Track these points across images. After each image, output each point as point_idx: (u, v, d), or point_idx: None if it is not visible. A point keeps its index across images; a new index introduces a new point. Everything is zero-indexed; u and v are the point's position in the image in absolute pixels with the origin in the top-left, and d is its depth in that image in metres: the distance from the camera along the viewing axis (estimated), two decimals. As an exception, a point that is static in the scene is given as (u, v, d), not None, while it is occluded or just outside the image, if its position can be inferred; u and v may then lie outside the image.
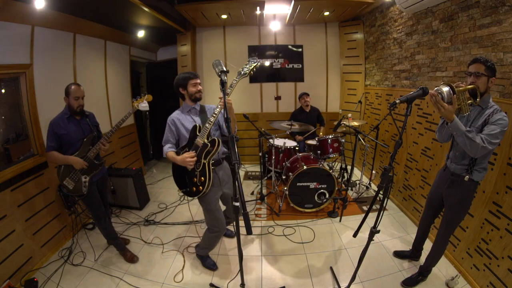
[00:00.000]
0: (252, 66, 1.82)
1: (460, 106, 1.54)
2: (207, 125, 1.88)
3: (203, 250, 2.34)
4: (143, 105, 2.36)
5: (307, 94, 4.09)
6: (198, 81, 2.03)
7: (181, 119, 2.05)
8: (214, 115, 1.87)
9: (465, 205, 1.76)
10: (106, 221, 2.40)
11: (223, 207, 2.33)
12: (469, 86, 1.55)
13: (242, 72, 1.81)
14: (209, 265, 2.32)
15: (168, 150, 2.01)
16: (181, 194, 3.65)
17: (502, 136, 1.50)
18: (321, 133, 4.13)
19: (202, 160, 1.93)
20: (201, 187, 1.94)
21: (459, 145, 1.70)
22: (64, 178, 2.13)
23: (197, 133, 1.94)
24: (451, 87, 1.46)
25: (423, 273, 2.06)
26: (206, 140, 1.91)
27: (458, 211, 1.78)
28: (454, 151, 1.77)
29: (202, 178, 1.94)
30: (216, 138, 1.92)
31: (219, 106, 1.84)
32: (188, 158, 1.88)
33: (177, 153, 1.97)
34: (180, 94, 2.06)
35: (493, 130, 1.48)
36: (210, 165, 1.95)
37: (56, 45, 2.79)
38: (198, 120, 2.06)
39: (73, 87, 2.12)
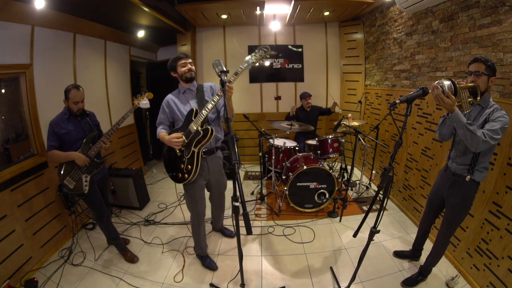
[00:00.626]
0: (263, 55, 1.69)
1: (460, 103, 1.55)
2: (203, 111, 1.83)
3: (197, 247, 2.34)
4: (144, 102, 2.36)
5: (310, 96, 4.04)
6: (188, 60, 2.00)
7: (176, 101, 2.02)
8: (212, 102, 1.82)
9: (466, 206, 1.76)
10: (108, 220, 2.41)
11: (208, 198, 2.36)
12: (470, 84, 1.56)
13: (251, 61, 1.70)
14: (209, 264, 2.32)
15: (161, 130, 2.01)
16: (181, 194, 3.65)
17: (503, 132, 1.49)
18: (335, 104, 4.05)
19: (192, 148, 1.88)
20: (186, 175, 1.92)
21: (459, 144, 1.71)
22: (65, 177, 2.13)
23: (193, 118, 1.90)
24: (453, 82, 1.47)
25: (423, 273, 2.06)
26: (199, 128, 1.86)
27: (459, 212, 1.78)
28: (455, 151, 1.77)
29: (189, 166, 1.90)
30: (209, 128, 1.86)
31: (219, 94, 1.80)
32: (174, 138, 1.85)
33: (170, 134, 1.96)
34: (175, 79, 2.05)
35: (494, 126, 1.48)
36: (200, 155, 1.91)
37: (56, 45, 2.79)
38: (193, 103, 2.02)
39: (72, 91, 2.08)
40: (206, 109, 1.83)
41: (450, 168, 1.81)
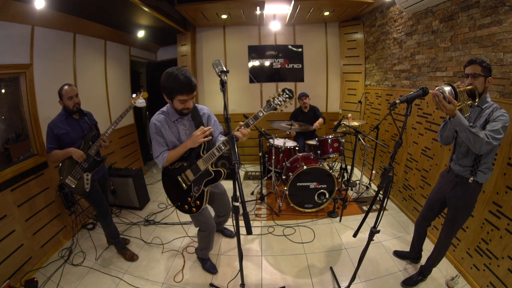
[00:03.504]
0: (287, 101, 1.52)
1: (460, 107, 1.55)
2: (215, 151, 1.66)
3: (201, 251, 2.32)
4: (140, 101, 2.37)
5: (307, 96, 3.98)
6: (192, 95, 1.65)
7: (166, 130, 1.76)
8: (224, 144, 1.61)
9: (469, 208, 1.76)
10: (111, 218, 2.42)
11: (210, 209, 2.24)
12: (468, 87, 1.57)
13: (273, 105, 1.52)
14: (209, 268, 2.30)
15: (167, 153, 1.78)
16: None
17: (505, 131, 1.50)
18: (316, 123, 3.77)
19: (202, 187, 1.80)
20: (194, 209, 1.88)
21: (461, 146, 1.71)
22: (66, 176, 2.13)
23: (201, 153, 1.75)
24: (453, 87, 1.48)
25: (424, 273, 2.06)
26: (210, 168, 1.75)
27: (462, 213, 1.77)
28: (457, 153, 1.77)
29: (198, 202, 1.85)
30: (221, 170, 1.76)
31: (237, 138, 1.55)
32: (199, 133, 1.66)
33: (173, 164, 1.82)
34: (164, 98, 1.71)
35: (495, 126, 1.49)
36: (209, 192, 1.85)
37: (56, 45, 2.79)
38: (184, 135, 1.81)
39: (65, 88, 2.09)
40: (219, 149, 1.64)
41: (453, 169, 1.80)
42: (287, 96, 1.51)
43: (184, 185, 1.86)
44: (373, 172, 3.76)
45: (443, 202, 1.90)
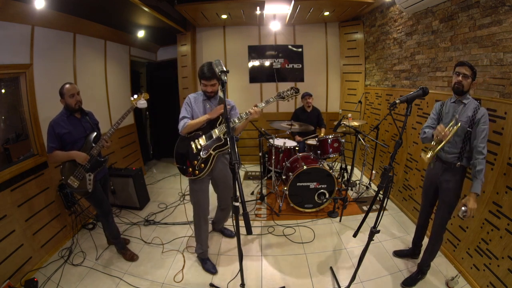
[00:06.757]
0: (293, 94, 2.02)
1: (448, 140, 1.76)
2: (236, 120, 1.98)
3: (198, 246, 2.34)
4: (141, 102, 2.37)
5: (310, 95, 3.98)
6: (211, 82, 2.01)
7: (195, 104, 2.10)
8: (239, 117, 1.96)
9: (457, 190, 1.88)
10: (112, 217, 2.42)
11: (213, 201, 2.37)
12: (452, 133, 1.75)
13: (282, 95, 2.01)
14: (209, 268, 2.30)
15: (188, 120, 2.05)
16: (181, 194, 3.66)
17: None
18: (321, 134, 3.97)
19: (211, 151, 2.04)
20: (197, 171, 2.06)
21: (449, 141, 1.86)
22: (68, 176, 2.12)
23: (217, 125, 2.05)
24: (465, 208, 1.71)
25: (423, 269, 2.07)
26: (222, 135, 2.02)
27: (453, 194, 1.87)
28: (446, 144, 1.88)
29: (202, 165, 2.05)
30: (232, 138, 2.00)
31: (250, 113, 1.94)
32: (219, 107, 2.04)
33: (191, 133, 2.06)
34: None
35: (482, 134, 1.68)
36: (215, 158, 2.06)
37: (56, 45, 2.79)
38: (208, 110, 2.11)
39: (66, 86, 2.09)
40: (233, 121, 1.98)
41: (440, 157, 1.92)
42: (293, 91, 2.03)
43: (195, 149, 2.06)
44: (373, 172, 3.76)
45: (435, 189, 2.01)
